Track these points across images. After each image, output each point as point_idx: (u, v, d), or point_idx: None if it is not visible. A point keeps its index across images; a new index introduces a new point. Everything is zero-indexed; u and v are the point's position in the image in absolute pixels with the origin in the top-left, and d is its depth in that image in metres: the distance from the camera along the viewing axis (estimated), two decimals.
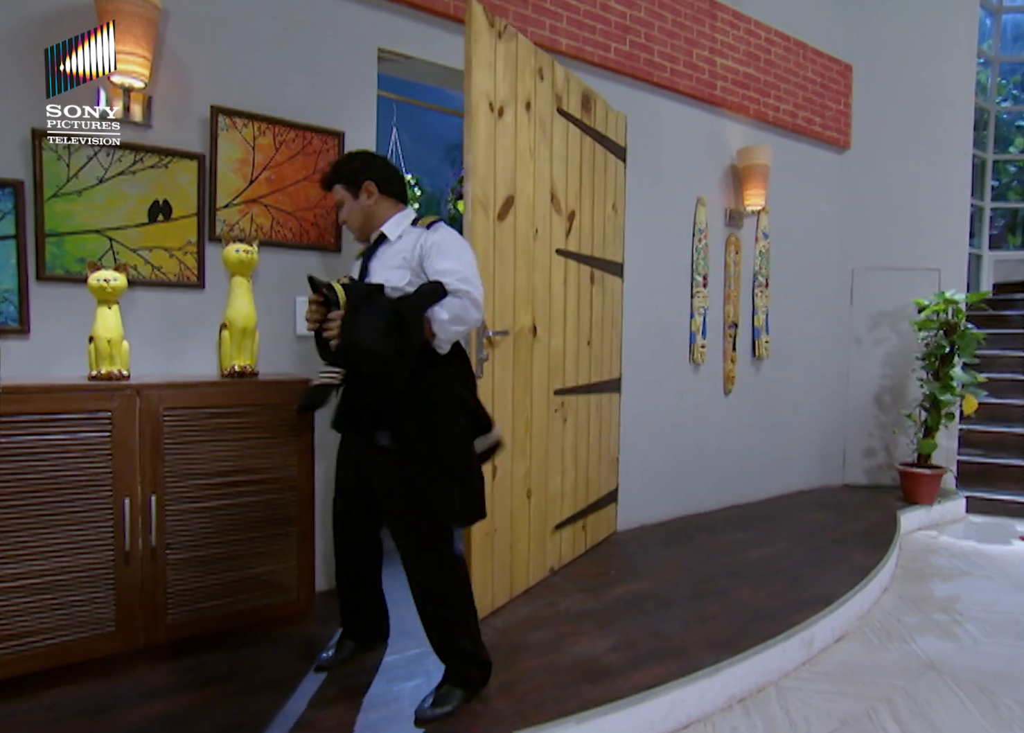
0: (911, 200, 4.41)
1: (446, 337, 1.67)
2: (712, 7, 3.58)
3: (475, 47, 2.16)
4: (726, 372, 3.76)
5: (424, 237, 1.76)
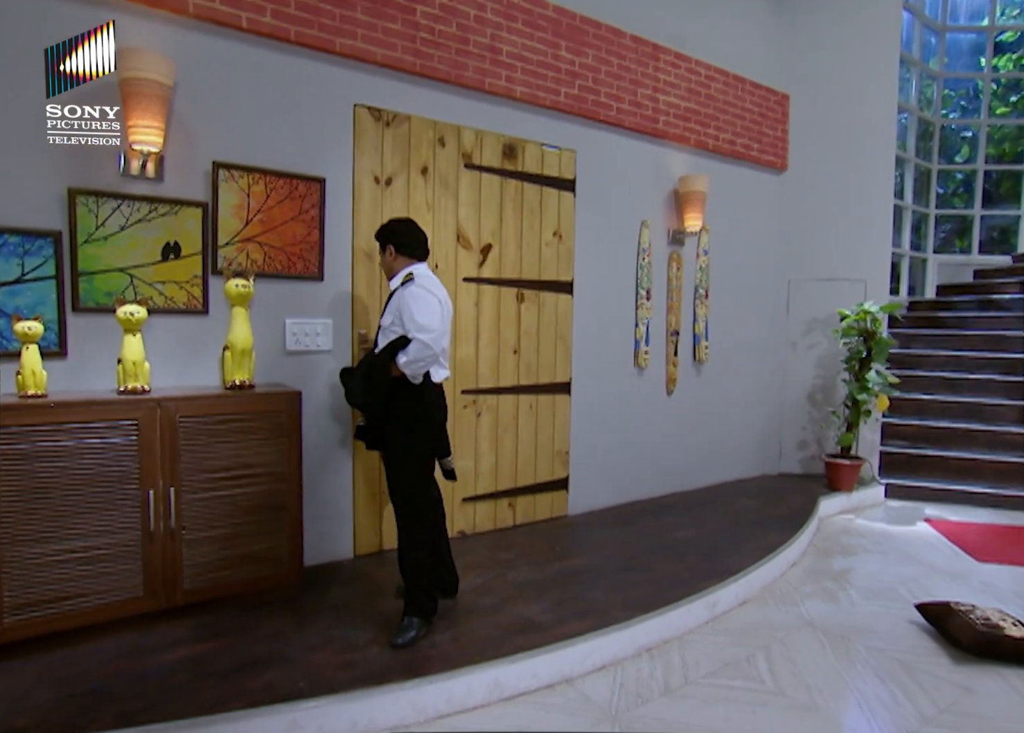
0: (841, 217, 4.90)
1: (411, 372, 2.30)
2: (655, 50, 4.02)
3: (359, 140, 2.97)
4: (668, 375, 4.25)
5: (401, 291, 2.37)
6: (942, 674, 2.44)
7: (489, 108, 3.38)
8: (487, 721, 2.09)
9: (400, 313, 2.34)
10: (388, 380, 2.31)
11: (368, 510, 3.16)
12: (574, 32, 3.64)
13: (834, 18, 4.89)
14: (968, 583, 3.33)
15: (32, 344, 2.20)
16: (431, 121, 3.19)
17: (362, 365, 2.39)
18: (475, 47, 3.27)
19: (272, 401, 2.56)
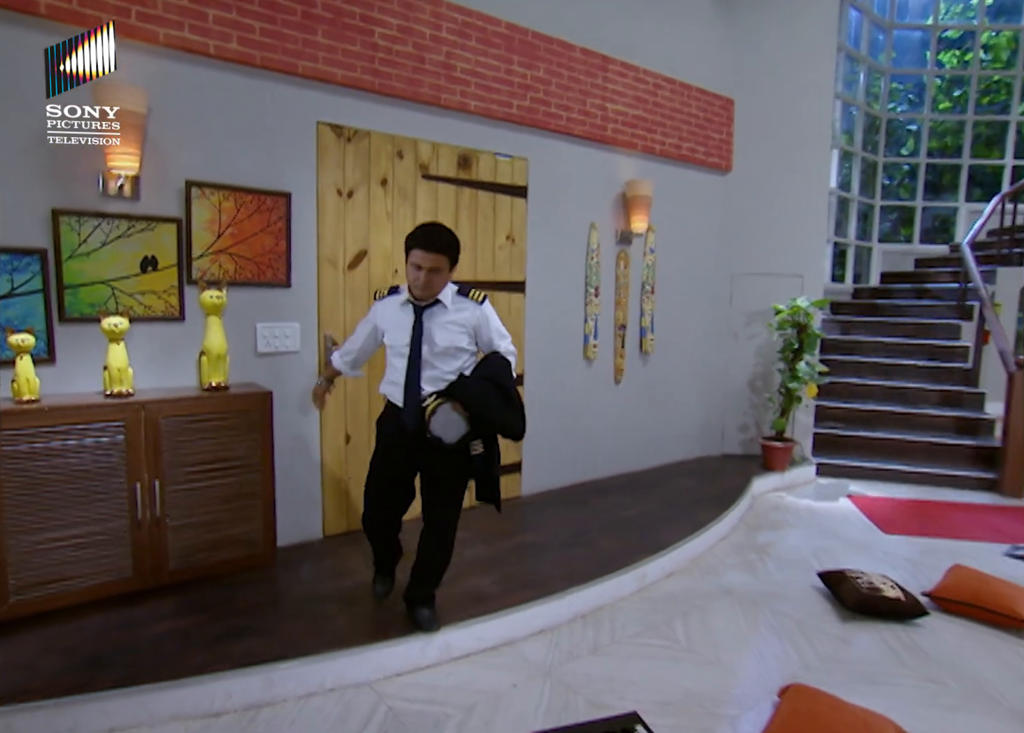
0: (781, 215, 5.25)
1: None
2: (604, 61, 4.27)
3: (322, 155, 3.23)
4: (616, 366, 4.59)
5: (478, 311, 2.41)
6: (829, 630, 2.86)
7: (445, 122, 3.62)
8: (438, 677, 2.44)
9: (478, 331, 2.39)
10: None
11: (335, 495, 3.46)
12: (526, 47, 3.88)
13: (776, 26, 5.17)
14: (871, 552, 3.78)
15: (25, 354, 2.44)
16: (390, 135, 3.43)
17: (488, 388, 2.31)
18: (431, 65, 3.50)
19: (245, 401, 2.84)
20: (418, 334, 2.36)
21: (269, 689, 2.26)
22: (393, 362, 2.46)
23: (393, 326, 2.44)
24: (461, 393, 2.30)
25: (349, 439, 3.49)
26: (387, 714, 2.23)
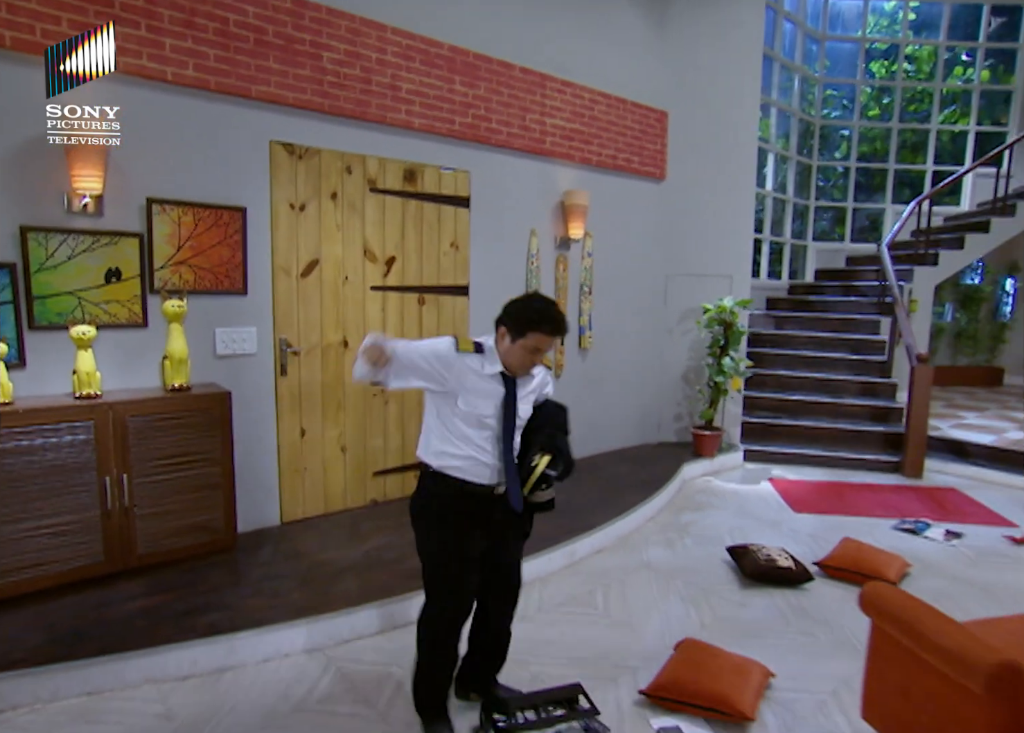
0: (711, 220, 5.66)
1: None
2: (542, 79, 4.59)
3: (275, 172, 3.49)
4: (556, 361, 4.95)
5: (545, 376, 2.27)
6: (729, 596, 3.28)
7: (391, 139, 3.90)
8: (383, 643, 2.78)
9: (540, 390, 2.25)
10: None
11: (291, 485, 3.76)
12: (468, 67, 4.17)
13: (707, 43, 5.55)
14: (780, 529, 4.23)
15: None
16: (339, 152, 3.70)
17: (565, 438, 2.17)
18: (377, 86, 3.78)
19: (206, 400, 3.11)
20: (512, 411, 2.06)
21: (231, 656, 2.57)
22: (464, 431, 2.04)
23: (474, 391, 2.03)
24: (558, 449, 2.10)
25: (304, 433, 3.78)
26: (336, 674, 2.56)
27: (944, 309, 9.39)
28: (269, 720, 2.29)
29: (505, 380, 2.06)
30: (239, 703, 2.37)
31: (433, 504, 2.12)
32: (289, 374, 3.69)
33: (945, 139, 9.17)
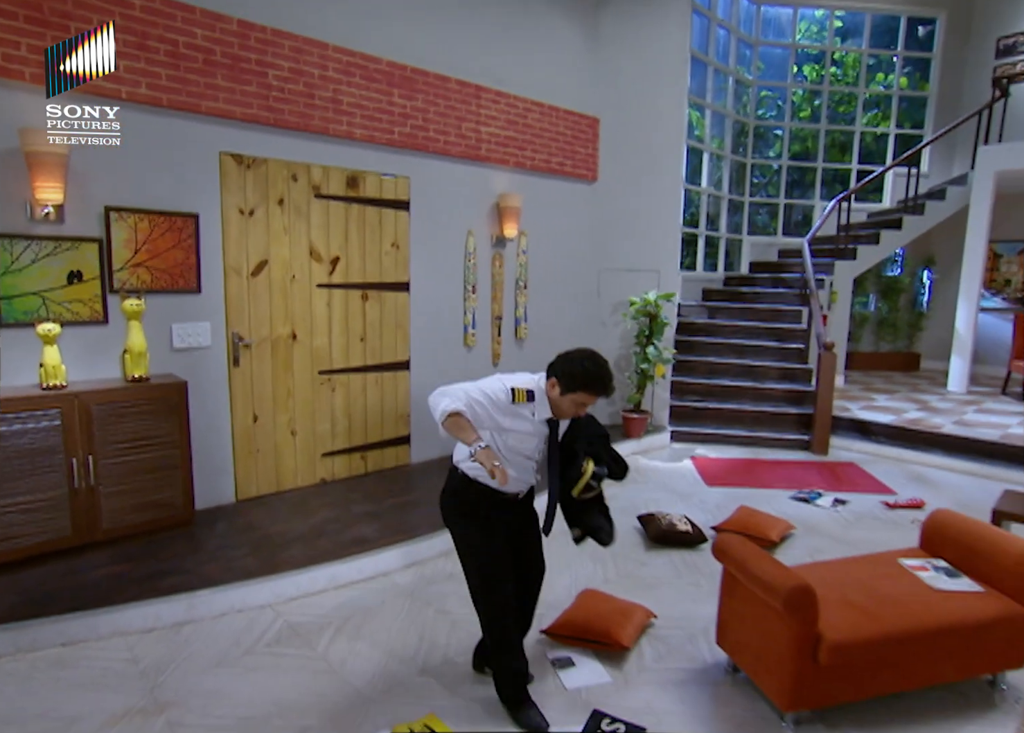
0: (641, 218, 6.12)
1: None
2: (477, 90, 4.96)
3: (225, 181, 3.80)
4: (493, 351, 5.38)
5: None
6: (633, 556, 3.77)
7: (334, 148, 4.24)
8: (325, 599, 3.19)
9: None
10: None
11: (245, 466, 4.12)
12: (406, 81, 4.52)
13: (636, 52, 5.97)
14: (690, 500, 4.74)
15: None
16: (285, 161, 4.04)
17: (609, 447, 2.50)
18: (320, 100, 4.11)
19: (164, 390, 3.46)
20: (556, 448, 2.31)
21: (190, 611, 2.95)
22: (506, 455, 2.26)
23: (522, 433, 2.26)
24: (600, 458, 2.38)
25: (256, 419, 4.14)
26: (283, 625, 2.97)
27: (868, 299, 10.07)
28: (223, 660, 2.68)
29: (550, 423, 2.27)
30: (197, 648, 2.76)
31: (467, 505, 2.34)
32: (242, 364, 4.03)
33: (869, 140, 9.79)
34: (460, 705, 2.45)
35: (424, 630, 2.96)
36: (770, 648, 2.34)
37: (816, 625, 2.25)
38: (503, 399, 2.21)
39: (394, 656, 2.76)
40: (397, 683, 2.58)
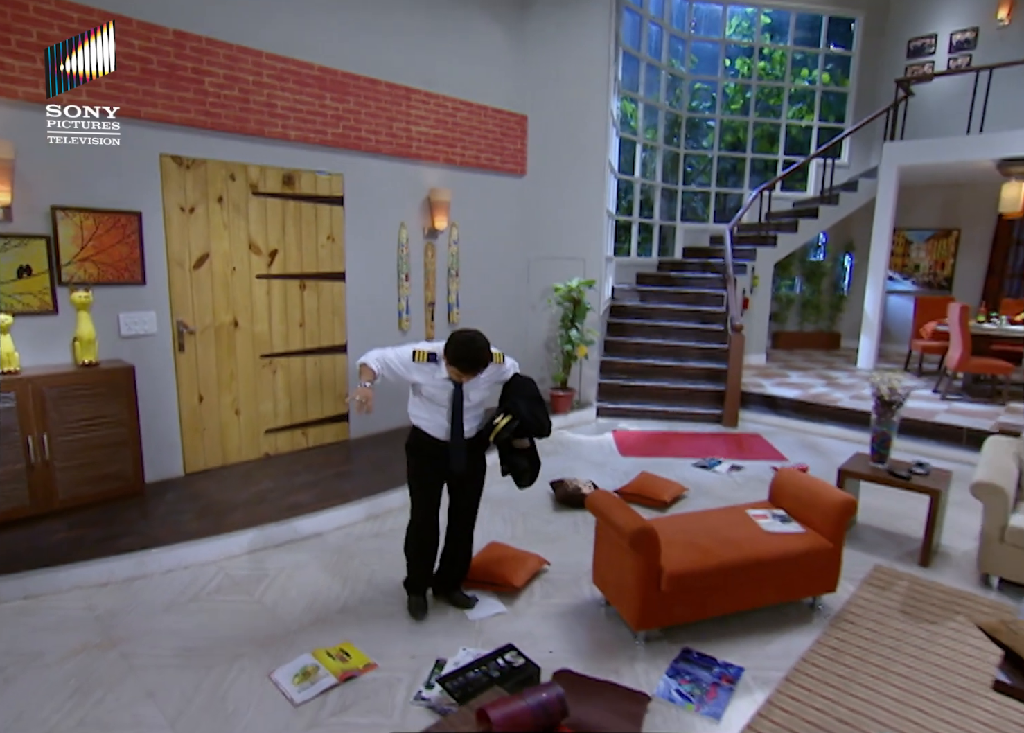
0: (567, 210, 6.58)
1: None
2: (407, 92, 5.33)
3: (166, 181, 4.12)
4: (427, 334, 5.82)
5: (498, 368, 2.93)
6: (540, 516, 4.29)
7: (270, 149, 4.58)
8: (263, 557, 3.63)
9: (499, 377, 3.00)
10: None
11: (192, 442, 4.50)
12: (337, 85, 4.87)
13: (562, 52, 6.37)
14: (603, 469, 5.29)
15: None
16: (223, 162, 4.37)
17: (533, 402, 2.97)
18: (255, 104, 4.44)
19: (113, 374, 3.82)
20: (459, 401, 2.85)
21: (141, 568, 3.37)
22: (423, 405, 2.91)
23: (431, 387, 2.83)
24: (520, 415, 2.90)
25: (202, 399, 4.52)
26: (224, 578, 3.40)
27: (794, 282, 10.75)
28: (170, 606, 3.12)
29: (454, 382, 2.81)
30: (147, 598, 3.19)
31: (412, 444, 3.03)
32: (187, 350, 4.40)
33: (796, 132, 10.39)
34: (372, 636, 2.93)
35: (347, 578, 3.43)
36: (625, 580, 2.88)
37: (658, 560, 2.79)
38: (407, 358, 2.86)
39: (319, 599, 3.23)
40: (320, 619, 3.06)
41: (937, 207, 9.80)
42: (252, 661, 2.73)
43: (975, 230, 9.46)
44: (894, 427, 3.99)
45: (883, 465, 3.98)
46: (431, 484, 3.06)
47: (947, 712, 2.51)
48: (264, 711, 2.44)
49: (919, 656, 2.86)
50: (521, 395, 3.00)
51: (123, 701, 2.47)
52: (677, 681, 2.65)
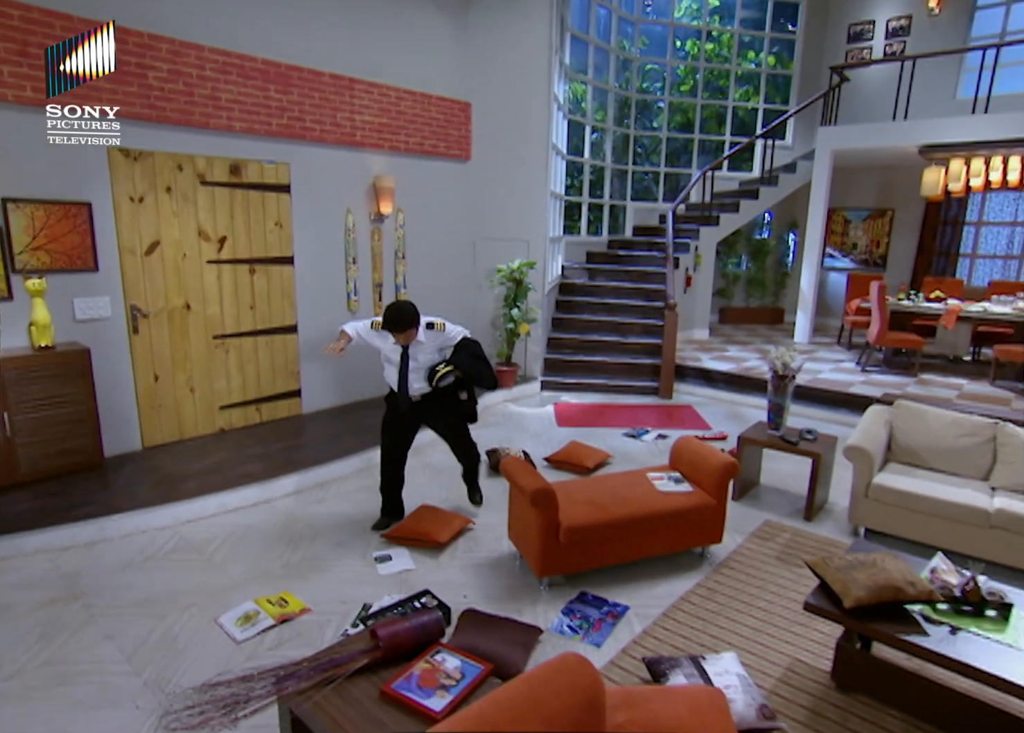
0: (511, 194, 6.89)
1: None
2: (351, 82, 5.56)
3: (114, 172, 4.34)
4: (375, 315, 6.13)
5: (441, 336, 3.73)
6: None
7: (216, 140, 4.81)
8: (216, 521, 3.99)
9: (445, 344, 3.77)
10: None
11: (149, 418, 4.81)
12: (281, 77, 5.09)
13: (504, 40, 6.60)
14: (539, 438, 5.71)
15: None
16: (170, 153, 4.60)
17: (473, 360, 3.77)
18: (199, 97, 4.66)
19: (69, 356, 4.10)
20: (405, 361, 3.70)
21: (101, 532, 3.71)
22: (387, 366, 3.82)
23: (387, 350, 3.73)
24: (460, 365, 3.72)
25: (157, 378, 4.81)
26: (179, 540, 3.77)
27: (740, 259, 11.22)
28: (128, 565, 3.48)
29: (405, 345, 3.65)
30: (107, 558, 3.54)
31: (387, 397, 3.92)
32: (141, 332, 4.67)
33: (743, 114, 10.74)
34: (310, 587, 3.33)
35: (292, 539, 3.82)
36: (530, 534, 3.31)
37: (556, 516, 3.22)
38: (368, 327, 3.81)
39: (265, 556, 3.61)
40: (264, 574, 3.45)
41: (873, 188, 10.30)
42: (201, 609, 3.12)
43: (907, 211, 9.98)
44: (787, 398, 4.47)
45: (778, 432, 4.46)
46: (392, 425, 3.93)
47: (790, 635, 3.01)
48: (210, 648, 2.84)
49: (779, 593, 3.36)
50: (466, 353, 3.80)
51: (84, 643, 2.85)
52: (569, 618, 3.11)
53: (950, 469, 3.99)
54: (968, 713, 2.39)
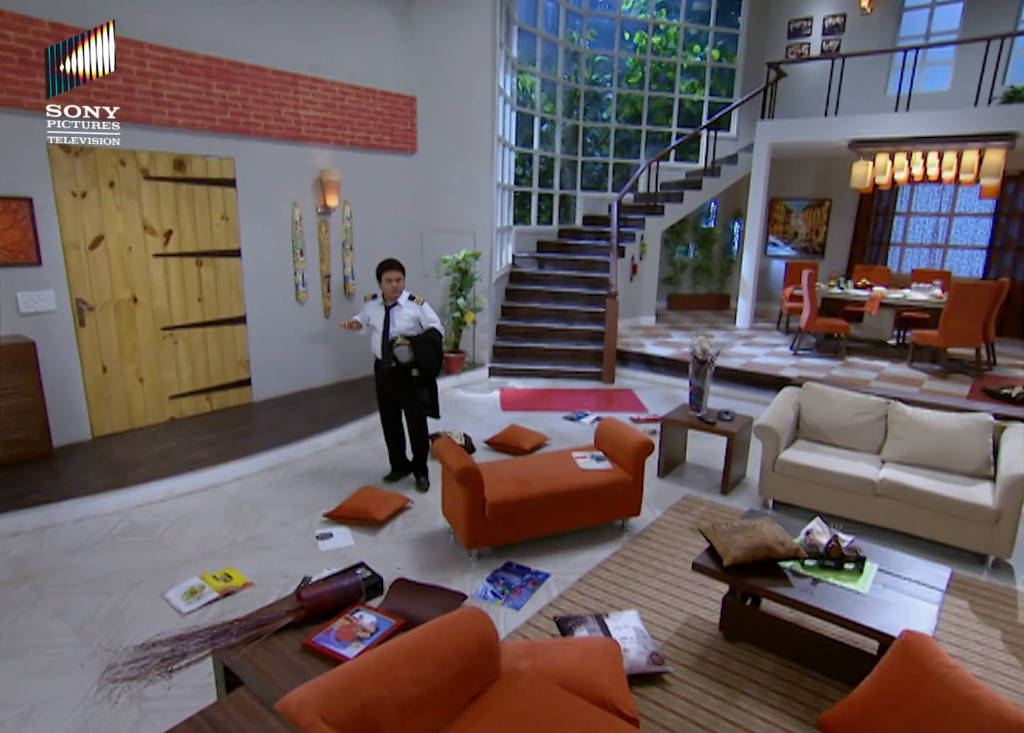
0: (457, 186, 7.09)
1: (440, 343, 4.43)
2: (294, 78, 5.68)
3: (55, 167, 4.42)
4: (324, 304, 6.31)
5: (418, 309, 4.38)
6: None
7: (158, 135, 4.91)
8: (164, 506, 4.18)
9: (420, 318, 4.35)
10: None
11: (99, 409, 4.93)
12: (223, 73, 5.19)
13: (448, 35, 6.77)
14: (482, 422, 5.98)
15: None
16: (112, 149, 4.69)
17: (427, 343, 4.26)
18: (140, 94, 4.75)
19: (14, 349, 4.21)
20: (387, 322, 4.30)
21: (51, 518, 3.87)
22: (373, 336, 4.40)
23: (374, 316, 4.36)
24: (413, 341, 4.25)
25: (105, 369, 4.93)
26: (128, 524, 3.95)
27: (687, 247, 11.60)
28: (77, 548, 3.66)
29: (385, 308, 4.33)
30: (57, 543, 3.71)
31: (375, 365, 4.48)
32: (88, 325, 4.78)
33: (689, 106, 11.06)
34: (253, 563, 3.56)
35: (238, 521, 4.03)
36: (459, 510, 3.58)
37: (482, 492, 3.50)
38: (364, 305, 4.56)
39: (212, 537, 3.82)
40: (211, 553, 3.66)
41: (811, 179, 10.75)
42: (148, 586, 3.33)
43: (843, 201, 10.46)
44: (707, 381, 4.81)
45: (699, 413, 4.81)
46: (382, 391, 4.53)
47: (692, 595, 3.35)
48: (156, 620, 3.05)
49: (688, 560, 3.70)
50: (426, 337, 4.33)
51: (35, 620, 3.04)
52: (493, 585, 3.40)
53: (848, 445, 4.38)
54: (826, 651, 2.76)
